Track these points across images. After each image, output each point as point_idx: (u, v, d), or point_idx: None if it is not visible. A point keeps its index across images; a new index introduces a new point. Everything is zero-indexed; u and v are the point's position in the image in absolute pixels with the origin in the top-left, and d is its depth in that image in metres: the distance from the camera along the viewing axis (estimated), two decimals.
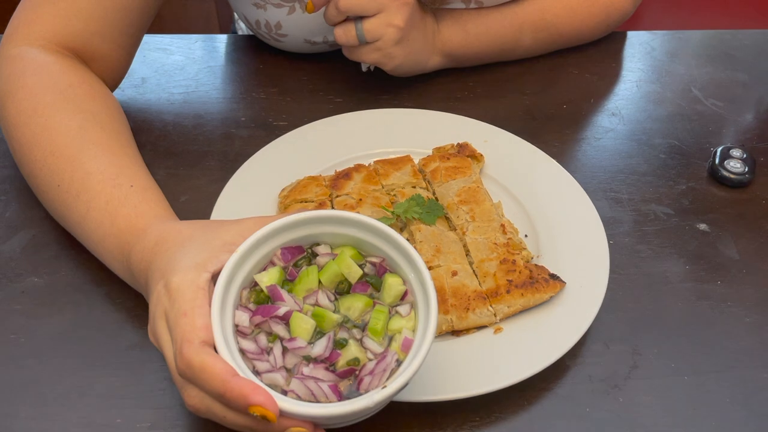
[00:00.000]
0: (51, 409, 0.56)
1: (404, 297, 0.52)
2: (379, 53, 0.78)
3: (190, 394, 0.47)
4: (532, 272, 0.62)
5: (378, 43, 0.77)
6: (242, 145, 0.78)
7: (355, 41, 0.76)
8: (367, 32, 0.75)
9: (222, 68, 0.91)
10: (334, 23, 0.77)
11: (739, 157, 0.79)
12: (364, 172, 0.71)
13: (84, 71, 0.71)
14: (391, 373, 0.48)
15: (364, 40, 0.76)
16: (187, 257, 0.50)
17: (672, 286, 0.67)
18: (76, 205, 0.61)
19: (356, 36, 0.76)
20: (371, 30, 0.76)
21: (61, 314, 0.62)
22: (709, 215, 0.74)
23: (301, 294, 0.51)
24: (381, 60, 0.79)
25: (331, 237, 0.53)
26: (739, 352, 0.62)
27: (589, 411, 0.57)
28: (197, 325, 0.46)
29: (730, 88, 0.91)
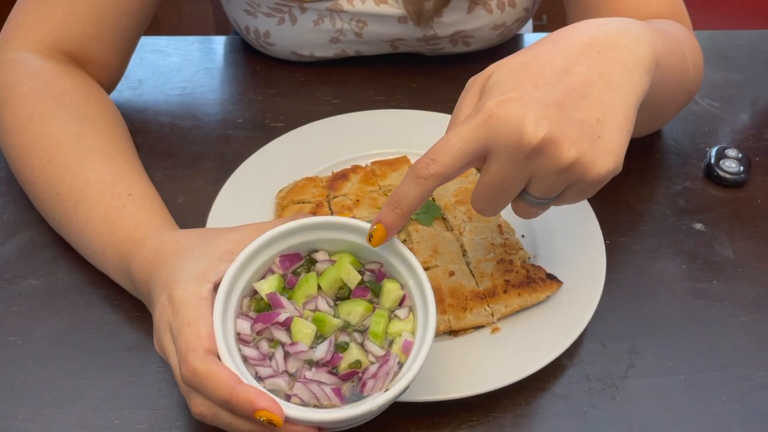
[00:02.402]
0: (49, 410, 0.56)
1: (403, 301, 0.52)
2: (581, 182, 0.49)
3: (196, 402, 0.48)
4: (529, 272, 0.62)
5: (565, 176, 0.48)
6: (239, 147, 0.78)
7: (541, 209, 0.52)
8: (539, 190, 0.49)
9: (219, 70, 0.91)
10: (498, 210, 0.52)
11: (734, 156, 0.79)
12: (361, 173, 0.71)
13: (80, 76, 0.71)
14: (394, 375, 0.49)
15: (546, 201, 0.51)
16: (187, 268, 0.51)
17: (668, 286, 0.67)
18: (75, 215, 0.61)
19: (540, 206, 0.52)
20: (540, 186, 0.49)
21: (58, 316, 0.62)
22: (704, 215, 0.74)
23: (301, 300, 0.52)
24: (593, 182, 0.49)
25: (329, 243, 0.54)
26: (735, 350, 0.62)
27: (586, 410, 0.58)
28: (201, 335, 0.47)
29: (726, 89, 0.91)
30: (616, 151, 0.48)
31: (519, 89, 0.47)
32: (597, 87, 0.48)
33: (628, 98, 0.49)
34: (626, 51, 0.50)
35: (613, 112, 0.48)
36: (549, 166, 0.47)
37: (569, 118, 0.47)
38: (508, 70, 0.49)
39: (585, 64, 0.49)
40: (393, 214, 0.50)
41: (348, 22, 0.83)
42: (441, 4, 0.81)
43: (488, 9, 0.84)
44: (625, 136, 0.49)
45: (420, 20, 0.82)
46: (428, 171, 0.48)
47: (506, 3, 0.84)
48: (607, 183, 0.72)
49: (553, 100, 0.47)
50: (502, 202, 0.51)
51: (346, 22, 0.83)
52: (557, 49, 0.50)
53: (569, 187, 0.50)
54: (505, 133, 0.46)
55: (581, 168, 0.47)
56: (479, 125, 0.47)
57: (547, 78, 0.48)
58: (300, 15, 0.83)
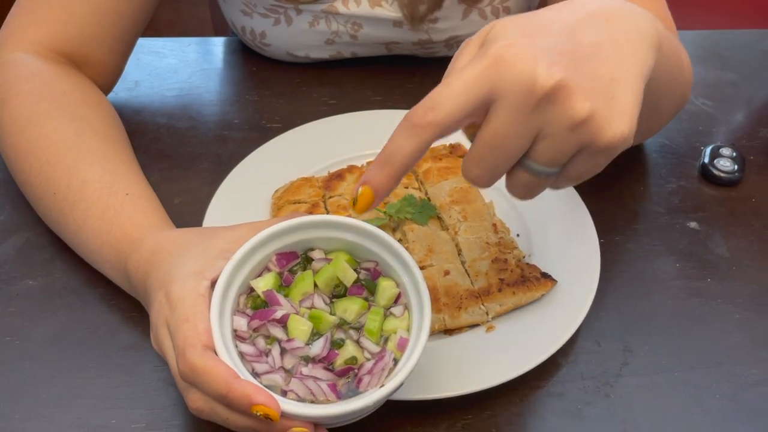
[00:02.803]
0: (46, 410, 0.56)
1: (398, 299, 0.52)
2: (593, 145, 0.43)
3: (193, 397, 0.48)
4: (524, 271, 0.62)
5: (574, 139, 0.43)
6: (236, 147, 0.79)
7: (541, 185, 0.47)
8: (545, 153, 0.44)
9: (215, 71, 0.91)
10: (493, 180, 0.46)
11: (729, 155, 0.79)
12: (357, 173, 0.71)
13: (78, 77, 0.71)
14: (389, 371, 0.49)
15: (549, 170, 0.45)
16: (184, 266, 0.51)
17: (662, 284, 0.67)
18: (73, 215, 0.62)
19: (538, 179, 0.46)
20: (548, 147, 0.43)
21: (55, 316, 0.62)
22: (699, 213, 0.75)
23: (297, 298, 0.52)
24: (606, 146, 0.43)
25: (325, 242, 0.54)
26: (729, 348, 0.62)
27: (580, 408, 0.58)
28: (199, 330, 0.47)
29: (720, 88, 0.91)
30: (630, 115, 0.43)
31: (527, 36, 0.42)
32: (607, 48, 0.44)
33: (638, 66, 0.45)
34: (632, 24, 0.47)
35: (626, 75, 0.44)
36: (561, 118, 0.41)
37: (583, 70, 0.42)
38: (510, 23, 0.44)
39: (594, 27, 0.45)
40: (383, 173, 0.43)
41: (343, 24, 0.84)
42: (434, 5, 0.81)
43: (483, 15, 0.84)
44: (637, 102, 0.44)
45: (414, 22, 0.82)
46: (426, 119, 0.42)
47: (501, 9, 0.85)
48: (602, 181, 0.73)
49: (566, 49, 0.42)
50: (501, 166, 0.44)
51: (341, 24, 0.84)
52: (563, 10, 0.46)
53: (578, 154, 0.44)
54: (514, 76, 0.41)
55: (595, 126, 0.42)
56: (485, 68, 0.41)
57: (557, 31, 0.44)
58: (295, 16, 0.83)
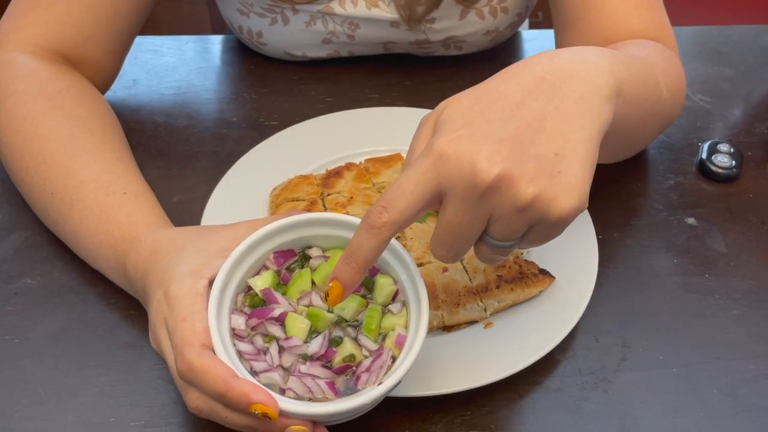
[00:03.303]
0: (46, 408, 0.56)
1: (396, 296, 0.52)
2: (544, 221, 0.45)
3: (191, 396, 0.48)
4: (522, 267, 0.62)
5: (529, 215, 0.45)
6: (234, 145, 0.79)
7: (505, 253, 0.49)
8: (499, 232, 0.46)
9: (213, 69, 0.91)
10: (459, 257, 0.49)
11: (726, 151, 0.79)
12: (355, 170, 0.71)
13: (74, 76, 0.71)
14: (387, 369, 0.49)
15: (509, 243, 0.47)
16: (183, 265, 0.51)
17: (660, 280, 0.67)
18: (71, 214, 0.61)
19: (502, 250, 0.48)
20: (501, 227, 0.46)
21: (54, 315, 0.63)
22: (697, 209, 0.74)
23: (295, 296, 0.52)
24: (557, 220, 0.45)
25: (323, 239, 0.54)
26: (727, 343, 0.62)
27: (579, 404, 0.58)
28: (197, 329, 0.47)
29: (718, 84, 0.91)
30: (579, 186, 0.44)
31: (470, 126, 0.44)
32: (553, 120, 0.45)
33: (587, 130, 0.46)
34: (583, 82, 0.47)
35: (572, 146, 0.45)
36: (507, 205, 0.44)
37: (525, 153, 0.43)
38: (459, 106, 0.46)
39: (539, 98, 0.46)
40: (349, 269, 0.47)
41: (340, 24, 0.84)
42: (432, 6, 0.81)
43: (480, 15, 0.84)
44: (587, 170, 0.45)
45: (411, 22, 0.82)
46: (381, 220, 0.45)
47: (498, 9, 0.84)
48: (600, 178, 0.72)
49: (507, 135, 0.44)
50: (463, 247, 0.47)
51: (338, 24, 0.84)
52: (510, 83, 0.47)
53: (532, 228, 0.46)
54: (457, 172, 0.43)
55: (542, 206, 0.44)
56: (429, 166, 0.44)
57: (500, 113, 0.45)
58: (292, 16, 0.83)
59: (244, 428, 0.48)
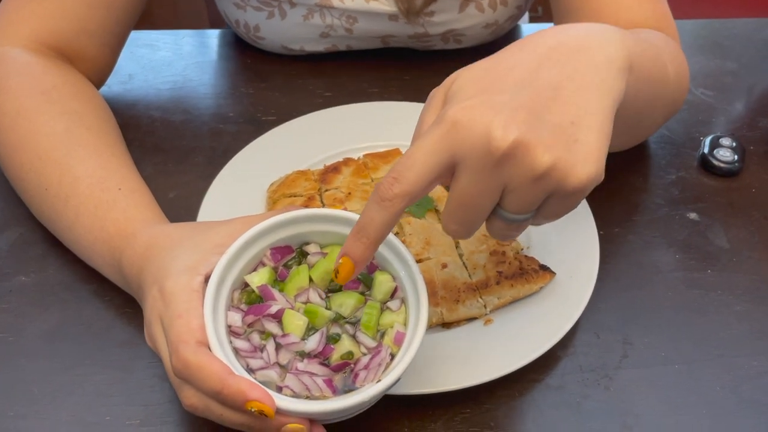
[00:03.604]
0: (40, 407, 0.56)
1: (395, 293, 0.52)
2: (560, 191, 0.44)
3: (187, 394, 0.47)
4: (522, 263, 0.62)
5: (542, 184, 0.43)
6: (230, 141, 0.78)
7: (519, 228, 0.48)
8: (514, 203, 0.45)
9: (210, 63, 0.90)
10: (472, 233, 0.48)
11: (728, 146, 0.78)
12: (353, 165, 0.71)
13: (68, 71, 0.71)
14: (386, 366, 0.48)
15: (524, 216, 0.46)
16: (178, 261, 0.51)
17: (662, 276, 0.67)
18: (65, 210, 0.61)
19: (516, 225, 0.47)
20: (516, 199, 0.44)
21: (49, 312, 0.62)
22: (699, 204, 0.74)
23: (292, 293, 0.51)
24: (574, 190, 0.44)
25: (320, 235, 0.53)
26: (729, 340, 0.62)
27: (579, 401, 0.57)
28: (192, 326, 0.47)
29: (720, 77, 0.90)
30: (596, 155, 0.43)
31: (483, 94, 0.43)
32: (568, 89, 0.44)
33: (603, 100, 0.44)
34: (596, 52, 0.46)
35: (589, 115, 0.43)
36: (523, 174, 0.42)
37: (540, 121, 0.42)
38: (470, 76, 0.45)
39: (552, 67, 0.44)
40: (360, 245, 0.45)
41: (338, 18, 0.83)
42: None
43: (480, 8, 0.83)
44: (604, 140, 0.44)
45: (410, 15, 0.82)
46: (392, 191, 0.43)
47: (498, 2, 0.84)
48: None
49: (521, 103, 0.42)
50: (476, 220, 0.46)
51: (336, 17, 0.83)
52: (522, 53, 0.46)
53: (548, 199, 0.44)
54: (471, 140, 0.42)
55: (559, 175, 0.42)
56: (442, 135, 0.43)
57: (513, 82, 0.44)
58: (289, 9, 0.83)
59: (240, 426, 0.47)
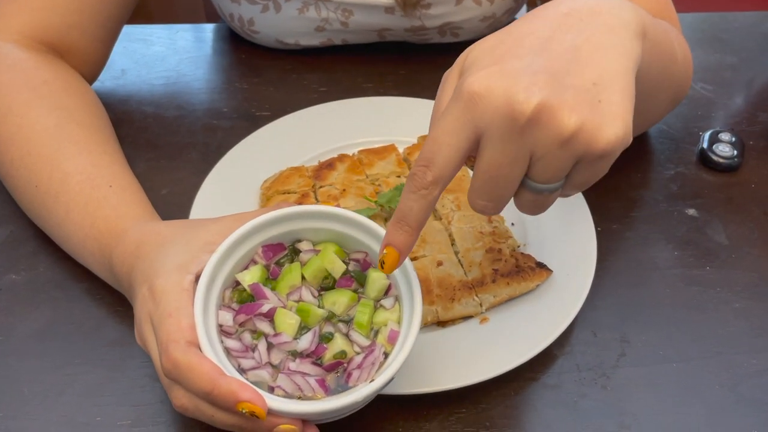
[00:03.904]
0: (30, 407, 0.55)
1: (388, 291, 0.51)
2: (589, 154, 0.42)
3: (177, 395, 0.47)
4: (519, 261, 0.61)
5: (567, 153, 0.42)
6: (224, 136, 0.77)
7: (548, 200, 0.46)
8: (543, 172, 0.43)
9: (204, 58, 0.89)
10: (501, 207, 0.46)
11: (728, 140, 0.78)
12: (348, 162, 0.70)
13: (59, 66, 0.70)
14: (379, 365, 0.48)
15: (553, 186, 0.45)
16: (168, 259, 0.50)
17: (660, 273, 0.66)
18: (56, 207, 0.60)
19: (545, 195, 0.45)
20: (544, 166, 0.43)
21: (40, 311, 0.61)
22: (697, 200, 0.73)
23: (285, 291, 0.51)
24: (603, 152, 0.42)
25: (313, 233, 0.53)
26: (728, 337, 0.61)
27: (576, 400, 0.57)
28: (182, 326, 0.46)
29: (719, 72, 0.89)
30: (622, 115, 0.42)
31: (500, 62, 0.42)
32: (586, 51, 0.43)
33: (622, 62, 0.43)
34: (611, 16, 0.45)
35: (610, 75, 0.42)
36: (550, 138, 0.41)
37: (562, 83, 0.41)
38: (484, 47, 0.45)
39: (568, 31, 0.44)
40: (402, 233, 0.45)
41: (333, 11, 0.82)
42: None
43: (477, 1, 0.83)
44: (628, 100, 0.42)
45: (406, 8, 0.81)
46: (426, 179, 0.43)
47: None
48: None
49: (540, 67, 0.42)
50: (505, 194, 0.44)
51: (331, 11, 0.82)
52: (535, 21, 0.45)
53: (577, 165, 0.43)
54: (492, 109, 0.41)
55: (586, 137, 0.41)
56: (462, 110, 0.42)
57: (529, 48, 0.43)
58: (284, 3, 0.82)
59: (231, 428, 0.47)
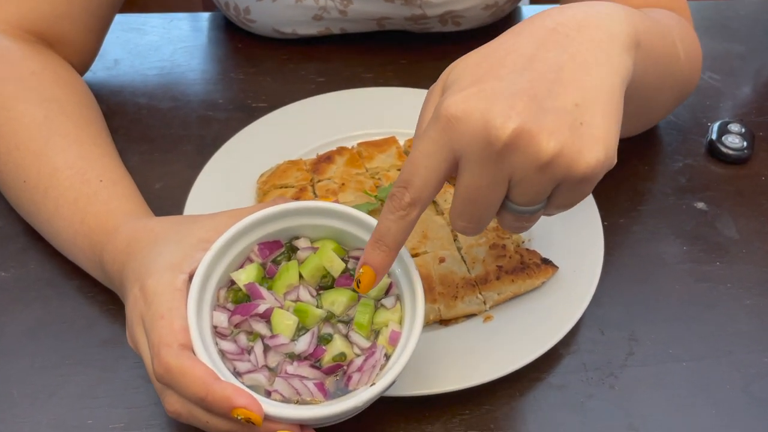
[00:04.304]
0: (19, 410, 0.54)
1: (389, 290, 0.50)
2: (569, 179, 0.42)
3: (170, 400, 0.46)
4: (523, 257, 0.60)
5: (549, 175, 0.41)
6: (220, 129, 0.76)
7: (531, 220, 0.47)
8: (522, 195, 0.43)
9: (199, 48, 0.88)
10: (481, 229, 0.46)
11: (737, 131, 0.77)
12: (347, 155, 0.69)
13: (48, 56, 0.68)
14: (381, 368, 0.47)
15: (534, 208, 0.45)
16: (161, 258, 0.49)
17: (669, 268, 0.65)
18: (44, 203, 0.59)
19: (527, 216, 0.45)
20: (523, 190, 0.43)
21: (30, 310, 0.60)
22: (706, 193, 0.72)
23: (282, 290, 0.50)
24: (583, 177, 0.41)
25: (311, 229, 0.52)
26: (739, 335, 0.60)
27: (583, 401, 0.56)
28: (175, 328, 0.45)
29: (727, 61, 0.88)
30: (604, 139, 0.41)
31: (479, 83, 0.41)
32: (570, 70, 0.42)
33: (609, 78, 0.42)
34: (598, 30, 0.44)
35: (594, 95, 0.42)
36: (527, 164, 0.40)
37: (542, 106, 0.40)
38: (465, 65, 0.44)
39: (552, 49, 0.43)
40: (379, 253, 0.45)
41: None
42: None
43: None
44: (613, 122, 0.42)
45: None
46: (404, 201, 0.43)
47: None
48: None
49: (520, 88, 0.41)
50: (484, 216, 0.44)
51: None
52: (519, 37, 0.44)
53: (558, 188, 0.43)
54: (469, 133, 0.40)
55: (566, 161, 0.40)
56: (439, 133, 0.41)
57: (511, 67, 0.42)
58: None
59: None
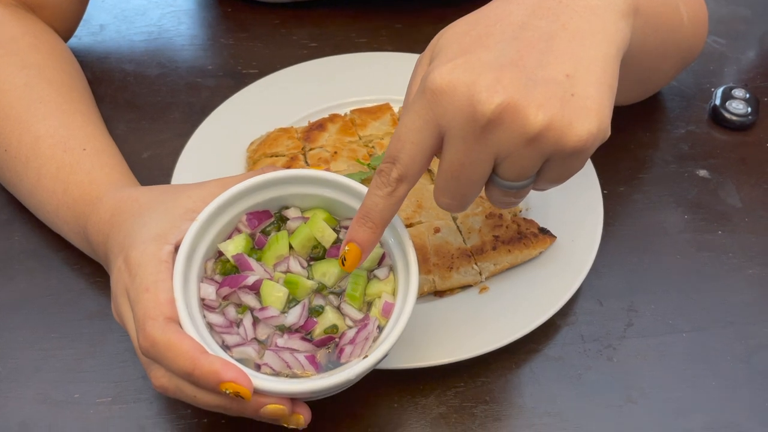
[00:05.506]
0: (3, 385, 0.54)
1: (382, 260, 0.50)
2: (559, 152, 0.40)
3: (156, 374, 0.45)
4: (520, 227, 0.59)
5: (537, 148, 0.40)
6: (209, 96, 0.75)
7: (519, 195, 0.44)
8: (509, 170, 0.41)
9: (187, 12, 0.86)
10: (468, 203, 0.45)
11: (741, 97, 0.75)
12: (340, 122, 0.67)
13: (29, 21, 0.66)
14: (373, 340, 0.46)
15: (522, 183, 0.43)
16: (146, 228, 0.48)
17: (670, 238, 0.65)
18: (26, 173, 0.58)
19: (515, 191, 0.44)
20: (510, 165, 0.41)
21: (14, 283, 0.59)
22: (709, 161, 0.71)
23: (271, 261, 0.49)
24: (574, 149, 0.40)
25: (301, 199, 0.51)
26: (741, 306, 0.60)
27: (581, 373, 0.55)
28: (160, 301, 0.44)
29: (732, 24, 0.86)
30: (597, 110, 0.39)
31: (466, 53, 0.40)
32: (562, 39, 0.40)
33: (602, 48, 0.41)
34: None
35: (586, 66, 0.40)
36: (514, 138, 0.39)
37: (531, 78, 0.39)
38: (453, 33, 0.42)
39: (544, 17, 0.41)
40: (365, 230, 0.44)
41: None
42: None
43: None
44: (606, 92, 0.40)
45: None
46: (392, 176, 0.42)
47: None
48: None
49: (509, 59, 0.39)
50: (469, 193, 0.43)
51: None
52: (510, 4, 0.42)
53: (548, 163, 0.41)
54: (453, 108, 0.39)
55: (555, 134, 0.39)
56: (424, 107, 0.40)
57: (500, 36, 0.40)
58: None
59: (215, 408, 0.45)
